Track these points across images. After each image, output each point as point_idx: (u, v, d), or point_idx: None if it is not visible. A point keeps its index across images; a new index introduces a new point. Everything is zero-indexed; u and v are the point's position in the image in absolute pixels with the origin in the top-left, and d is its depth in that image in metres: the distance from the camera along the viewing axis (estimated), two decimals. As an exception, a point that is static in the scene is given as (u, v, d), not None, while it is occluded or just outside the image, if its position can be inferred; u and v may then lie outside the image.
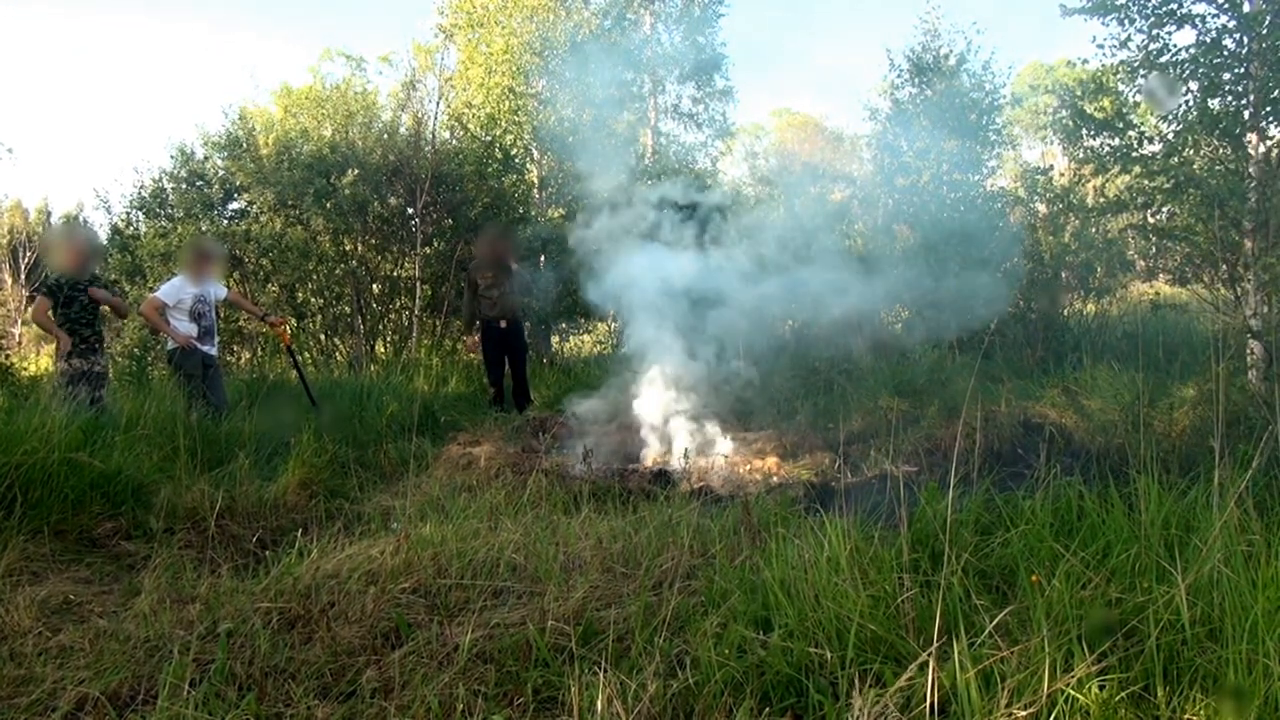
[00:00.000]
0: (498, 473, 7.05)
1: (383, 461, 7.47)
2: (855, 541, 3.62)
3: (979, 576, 3.47)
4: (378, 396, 9.76)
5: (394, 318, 15.32)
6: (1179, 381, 7.51)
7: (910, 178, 14.29)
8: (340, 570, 4.04)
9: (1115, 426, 7.19)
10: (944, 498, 3.55)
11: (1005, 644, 2.77)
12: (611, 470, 8.16)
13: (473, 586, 3.94)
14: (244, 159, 14.11)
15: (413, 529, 4.61)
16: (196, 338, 8.22)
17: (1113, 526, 3.61)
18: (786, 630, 3.13)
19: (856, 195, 21.10)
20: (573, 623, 3.46)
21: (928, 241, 12.91)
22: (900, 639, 2.97)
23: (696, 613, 3.52)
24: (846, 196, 20.95)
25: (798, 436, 9.77)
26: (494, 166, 15.02)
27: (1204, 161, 8.62)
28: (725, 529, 4.75)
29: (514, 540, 4.47)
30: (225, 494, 5.63)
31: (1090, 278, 13.02)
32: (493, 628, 3.47)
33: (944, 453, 8.05)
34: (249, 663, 3.27)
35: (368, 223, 14.42)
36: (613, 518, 5.06)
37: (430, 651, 3.34)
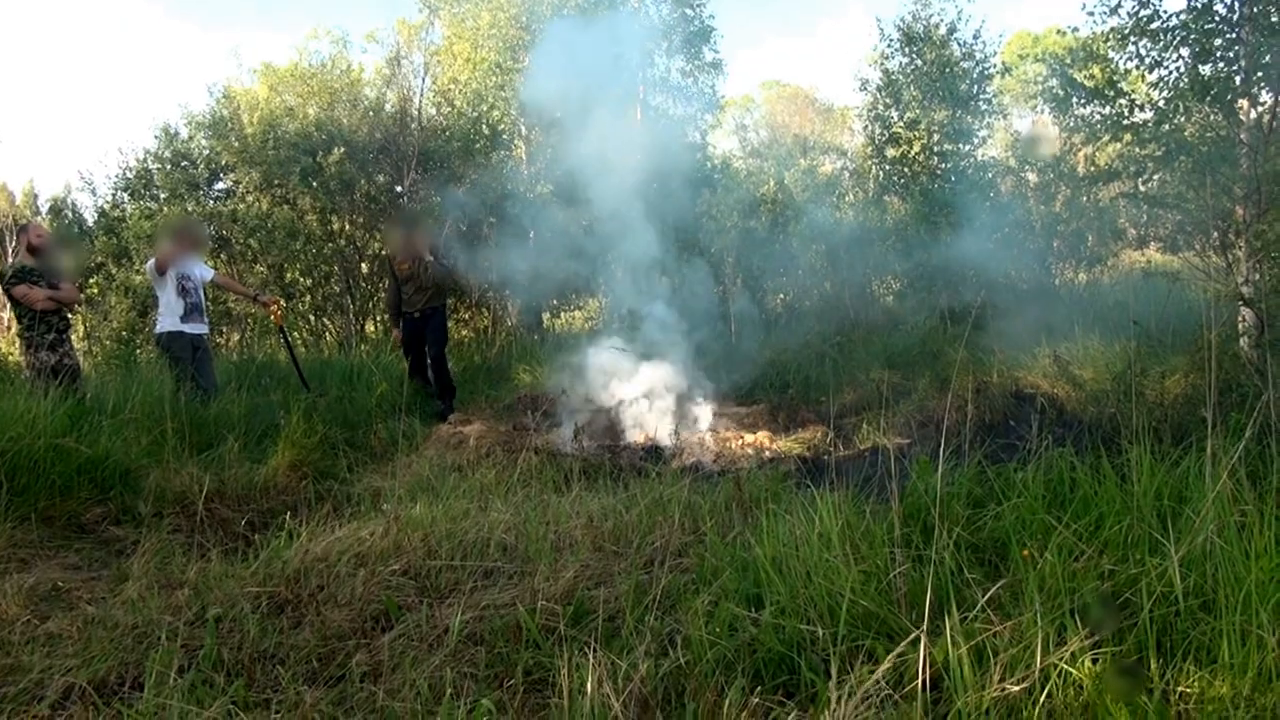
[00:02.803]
0: (488, 452, 7.03)
1: (373, 442, 7.45)
2: (847, 516, 3.60)
3: (971, 550, 3.46)
4: (368, 376, 9.73)
5: (383, 297, 15.21)
6: (1171, 350, 7.49)
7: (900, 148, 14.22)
8: (330, 553, 4.01)
9: (1107, 396, 7.19)
10: (935, 471, 3.53)
11: (997, 618, 2.75)
12: (603, 447, 8.16)
13: (463, 568, 3.92)
14: (229, 138, 13.97)
15: (403, 510, 4.58)
16: (183, 314, 8.14)
17: (1105, 498, 3.59)
18: (778, 608, 3.11)
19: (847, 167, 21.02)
20: (563, 603, 3.44)
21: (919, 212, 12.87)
22: (892, 615, 2.95)
23: (687, 591, 3.50)
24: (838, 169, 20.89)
25: (790, 410, 9.77)
26: (481, 143, 14.91)
27: (1195, 128, 8.56)
28: (716, 505, 4.73)
29: (504, 520, 4.46)
30: (214, 477, 5.61)
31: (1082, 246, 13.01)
32: (483, 609, 3.45)
33: (935, 425, 8.04)
34: (237, 648, 3.25)
35: (355, 201, 14.32)
36: (604, 495, 5.05)
37: (420, 634, 3.32)
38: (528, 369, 12.02)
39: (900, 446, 7.19)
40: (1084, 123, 9.51)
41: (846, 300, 13.65)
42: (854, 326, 12.74)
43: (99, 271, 13.87)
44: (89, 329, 13.96)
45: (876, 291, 15.36)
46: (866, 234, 14.21)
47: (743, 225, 13.95)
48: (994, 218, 12.63)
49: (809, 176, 16.03)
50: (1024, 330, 10.21)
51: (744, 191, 14.94)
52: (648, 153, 13.23)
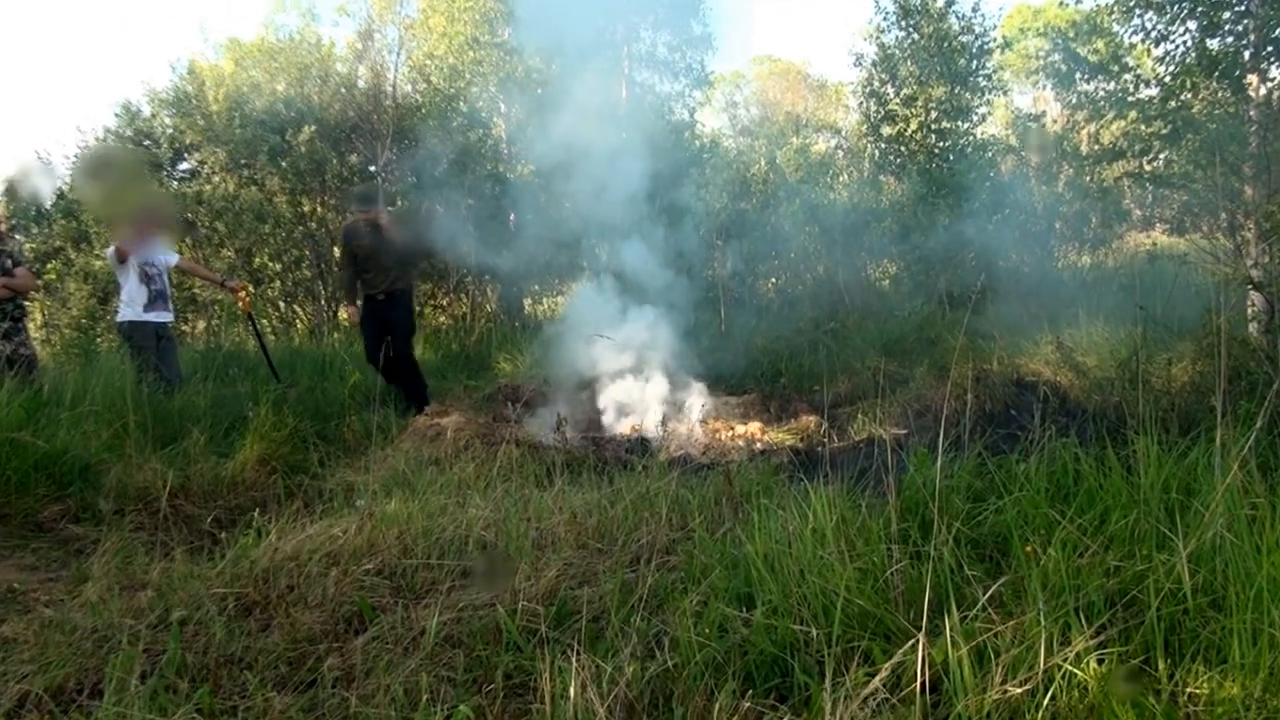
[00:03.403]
0: (467, 444, 7.00)
1: (346, 434, 7.41)
2: (842, 511, 3.59)
3: (971, 546, 3.45)
4: (341, 366, 9.68)
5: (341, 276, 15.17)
6: (1178, 336, 7.51)
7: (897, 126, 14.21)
8: (300, 552, 3.99)
9: (1112, 384, 7.20)
10: (934, 463, 3.52)
11: (999, 617, 2.75)
12: (586, 439, 8.14)
13: (440, 567, 3.90)
14: (193, 116, 13.88)
15: (377, 506, 4.55)
16: (146, 302, 8.08)
17: (1111, 491, 3.59)
18: (770, 607, 3.10)
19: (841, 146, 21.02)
20: (545, 603, 3.42)
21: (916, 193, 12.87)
22: (889, 614, 2.95)
23: (675, 590, 3.49)
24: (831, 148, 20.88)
25: (782, 400, 9.77)
26: (458, 121, 14.84)
27: (1203, 105, 8.59)
28: (706, 500, 4.72)
29: (483, 516, 4.43)
30: (179, 472, 5.56)
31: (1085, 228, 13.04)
32: (461, 610, 3.43)
33: (934, 414, 8.05)
34: (203, 652, 3.22)
35: (326, 182, 14.25)
36: (587, 490, 5.02)
37: (395, 637, 3.29)
38: (508, 358, 11.99)
39: (897, 437, 7.20)
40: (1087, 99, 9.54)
41: (841, 285, 13.64)
42: (849, 312, 12.73)
43: (57, 256, 13.77)
44: (46, 317, 13.85)
45: (872, 276, 15.38)
46: (861, 216, 14.21)
47: (733, 207, 13.94)
48: (994, 198, 12.65)
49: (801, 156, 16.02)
50: (1025, 316, 10.22)
51: (734, 171, 14.92)
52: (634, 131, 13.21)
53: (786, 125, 25.41)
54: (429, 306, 15.96)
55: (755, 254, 14.45)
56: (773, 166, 15.18)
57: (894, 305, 12.77)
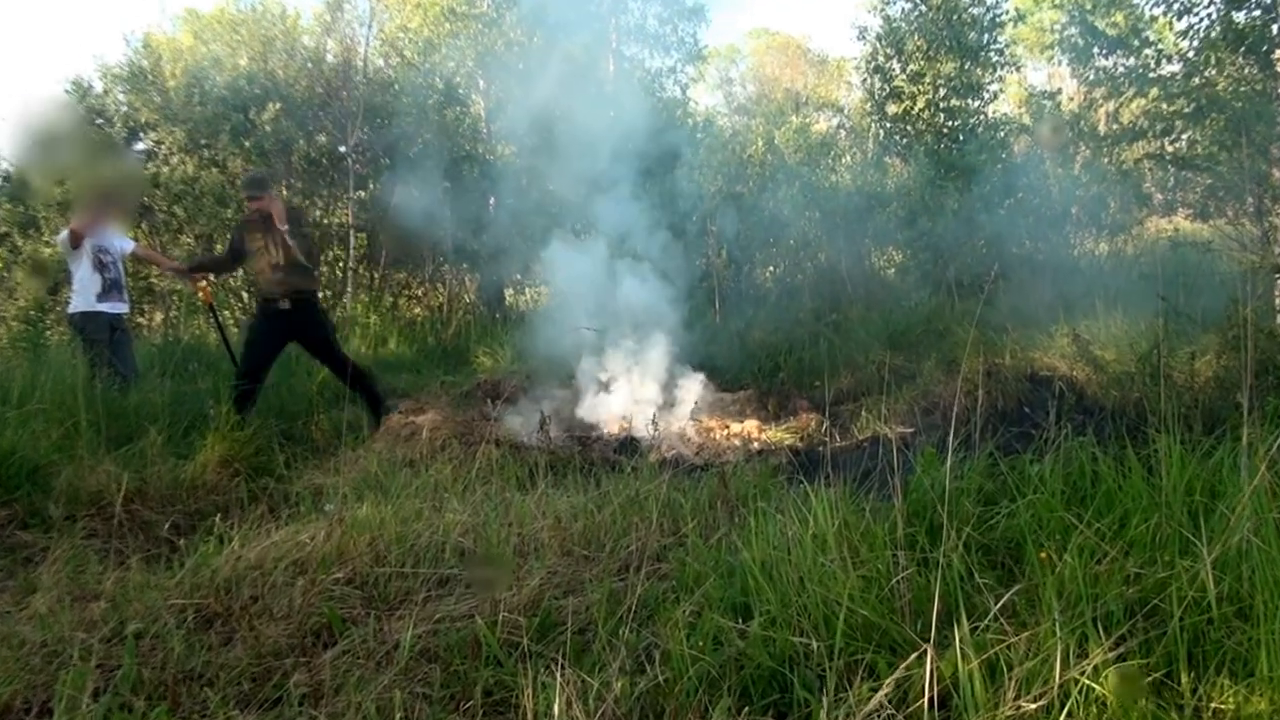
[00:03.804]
0: (444, 444, 6.98)
1: (314, 434, 7.39)
2: (844, 515, 3.60)
3: (982, 552, 3.46)
4: (308, 361, 9.64)
5: (325, 270, 15.12)
6: (1201, 328, 7.53)
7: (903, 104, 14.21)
8: (265, 560, 3.97)
9: (1132, 379, 7.21)
10: (942, 463, 3.52)
11: (1012, 628, 2.75)
12: (572, 439, 8.13)
13: (415, 575, 3.89)
14: (149, 93, 13.80)
15: (347, 511, 4.54)
16: (100, 292, 8.05)
17: (1130, 493, 3.60)
18: (768, 618, 3.10)
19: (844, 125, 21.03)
20: (527, 614, 3.42)
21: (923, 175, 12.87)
22: (895, 625, 2.95)
23: (667, 600, 3.48)
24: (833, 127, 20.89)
25: (780, 396, 9.77)
26: (434, 98, 14.80)
27: (1228, 82, 8.60)
28: (699, 504, 4.72)
29: (461, 521, 4.42)
30: (134, 475, 5.52)
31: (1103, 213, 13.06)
32: (437, 622, 3.43)
33: (942, 412, 8.06)
34: (160, 668, 3.20)
35: (293, 164, 14.20)
36: (573, 493, 5.02)
37: (367, 650, 3.29)
38: (488, 351, 11.98)
39: (903, 436, 7.21)
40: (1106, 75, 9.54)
41: (843, 274, 13.65)
42: (851, 303, 12.74)
43: (3, 243, 13.68)
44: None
45: (876, 264, 15.39)
46: (865, 200, 14.21)
47: (728, 190, 13.92)
48: (1006, 182, 12.67)
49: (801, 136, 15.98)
50: (1040, 306, 10.24)
51: (729, 152, 14.90)
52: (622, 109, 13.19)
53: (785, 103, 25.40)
54: (403, 297, 15.94)
55: (752, 240, 14.45)
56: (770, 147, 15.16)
57: (900, 295, 12.80)
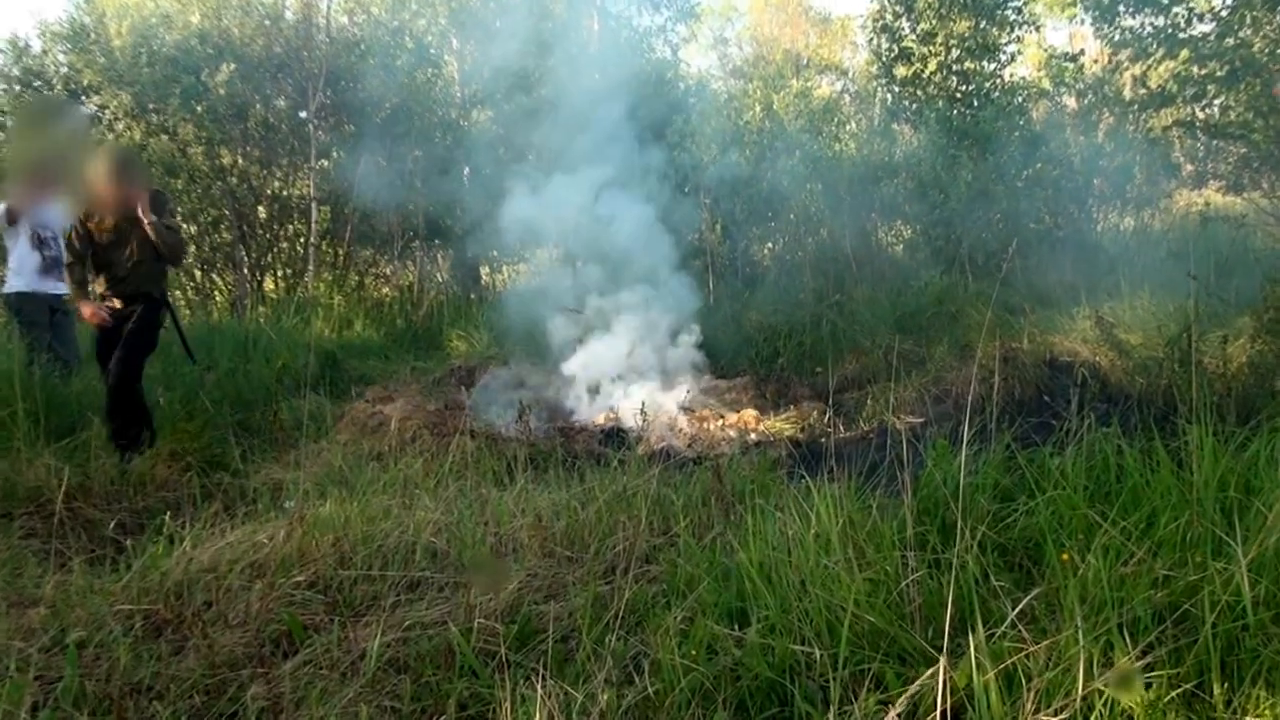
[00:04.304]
0: (414, 436, 6.97)
1: (273, 425, 7.36)
2: (849, 513, 3.60)
3: (999, 553, 3.46)
4: (266, 344, 9.62)
5: (285, 247, 15.07)
6: (1234, 310, 7.55)
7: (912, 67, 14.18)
8: (219, 562, 3.96)
9: (1159, 365, 7.23)
10: (955, 457, 3.52)
11: (1031, 636, 2.75)
12: (554, 430, 8.13)
13: (383, 579, 3.88)
14: (92, 53, 13.69)
15: (309, 508, 4.53)
16: (39, 271, 8.01)
17: (1159, 489, 3.60)
18: (766, 624, 3.10)
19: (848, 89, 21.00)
20: (505, 621, 3.41)
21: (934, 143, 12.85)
22: (904, 632, 2.95)
23: (657, 605, 3.48)
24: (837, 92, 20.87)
25: (779, 384, 9.77)
26: (404, 59, 14.72)
27: (1265, 43, 8.60)
28: (692, 500, 4.72)
29: (433, 520, 4.42)
30: (76, 469, 5.51)
31: (1128, 185, 13.07)
32: (407, 629, 3.42)
33: (955, 401, 8.07)
34: (105, 680, 3.19)
35: (249, 130, 14.10)
36: (555, 489, 5.02)
37: (330, 660, 3.28)
38: (462, 335, 11.95)
39: (913, 427, 7.21)
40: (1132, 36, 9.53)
41: (848, 250, 13.62)
42: (856, 282, 12.73)
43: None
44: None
45: (884, 240, 15.38)
46: (871, 170, 14.19)
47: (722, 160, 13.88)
48: (1024, 151, 12.65)
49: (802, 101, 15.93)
50: (1060, 286, 10.25)
51: (724, 119, 14.86)
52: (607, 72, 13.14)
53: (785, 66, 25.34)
54: (370, 275, 15.89)
55: (749, 215, 14.42)
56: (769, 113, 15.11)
57: (909, 274, 12.76)
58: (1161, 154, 12.58)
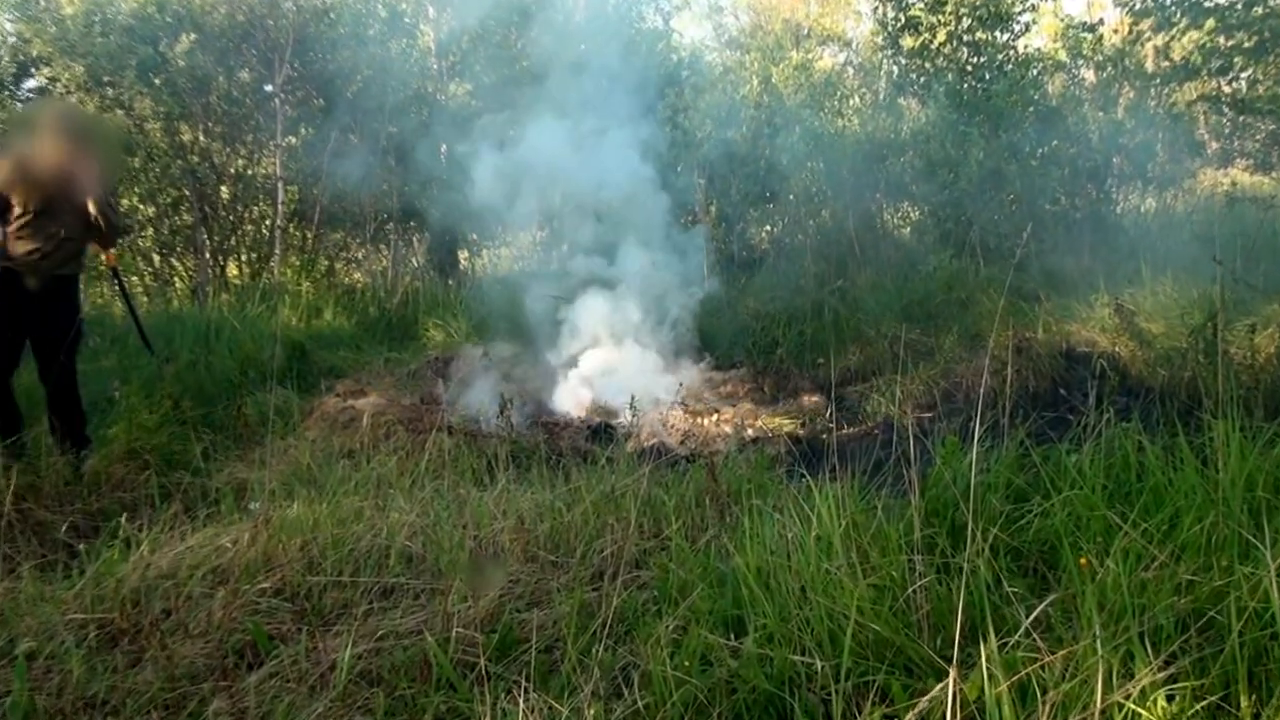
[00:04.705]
0: (388, 432, 6.97)
1: (236, 421, 7.35)
2: (852, 514, 3.59)
3: (1012, 557, 3.46)
4: (230, 334, 9.59)
5: (250, 230, 15.03)
6: (1263, 296, 7.56)
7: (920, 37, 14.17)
8: (179, 567, 3.96)
9: (1183, 356, 7.24)
10: (966, 454, 3.52)
11: (1046, 645, 2.75)
12: (537, 425, 8.12)
13: (354, 585, 3.88)
14: (43, 21, 13.62)
15: (275, 510, 4.52)
16: None
17: (1182, 488, 3.61)
18: (764, 633, 3.10)
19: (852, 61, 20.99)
20: (485, 630, 3.41)
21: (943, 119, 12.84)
22: (911, 642, 2.95)
23: (647, 613, 3.48)
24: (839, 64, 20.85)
25: (778, 376, 9.78)
26: (376, 28, 14.68)
27: (1296, 12, 8.61)
28: (684, 501, 4.72)
29: (408, 522, 4.41)
30: (25, 469, 5.49)
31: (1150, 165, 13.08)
32: (380, 639, 3.41)
33: (965, 394, 8.08)
34: (56, 694, 3.18)
35: (211, 105, 14.06)
36: (538, 489, 5.01)
37: (298, 672, 3.27)
38: (439, 323, 11.93)
39: (920, 422, 7.21)
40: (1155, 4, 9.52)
41: (851, 233, 13.62)
42: (860, 267, 12.74)
43: None
44: None
45: (889, 222, 15.39)
46: (876, 148, 14.19)
47: (718, 137, 13.87)
48: (1039, 127, 12.65)
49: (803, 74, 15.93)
50: (1077, 271, 10.26)
51: (719, 93, 14.84)
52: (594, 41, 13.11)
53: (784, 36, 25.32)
54: (340, 260, 15.85)
55: (746, 195, 14.42)
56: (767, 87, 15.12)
57: (916, 258, 12.76)
58: (1185, 130, 12.59)
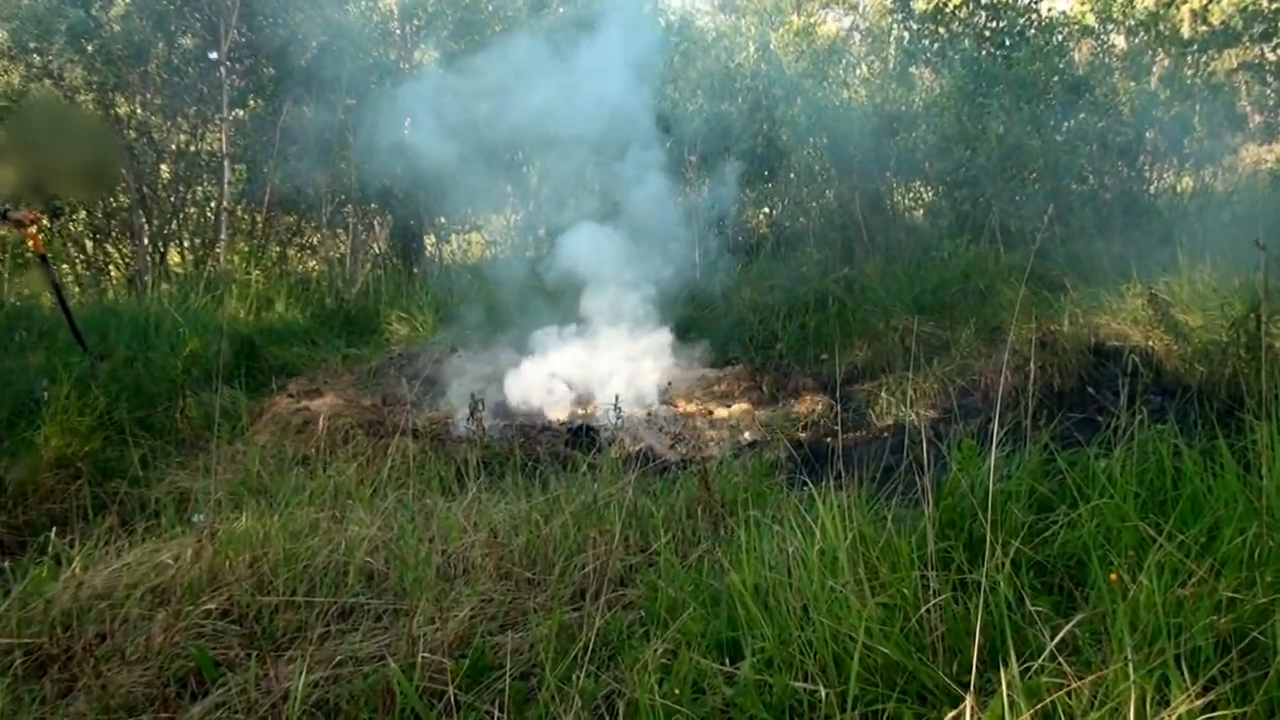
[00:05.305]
0: (346, 436, 6.97)
1: (179, 424, 7.34)
2: (859, 526, 3.59)
3: (1035, 573, 3.47)
4: (171, 328, 9.56)
5: (193, 212, 14.99)
6: (1311, 285, 7.58)
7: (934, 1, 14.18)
8: (115, 587, 3.94)
9: (1223, 351, 7.26)
10: (984, 459, 3.52)
11: (1074, 669, 2.75)
12: (512, 428, 8.11)
13: (309, 606, 3.87)
14: (-39, -19, 13.60)
15: (222, 523, 4.51)
16: None
17: (1223, 496, 3.61)
18: (763, 658, 3.10)
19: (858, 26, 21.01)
20: (454, 655, 3.41)
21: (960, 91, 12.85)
22: (925, 666, 2.95)
23: (633, 635, 3.48)
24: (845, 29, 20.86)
25: (778, 373, 9.78)
26: (333, -11, 14.67)
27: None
28: (675, 512, 4.72)
29: (369, 536, 4.40)
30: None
31: (1186, 140, 13.11)
32: (338, 665, 3.41)
33: (984, 393, 8.10)
34: (-22, 727, 3.18)
35: (150, 74, 14.01)
36: (513, 499, 5.01)
37: (247, 703, 3.26)
38: (403, 316, 11.91)
39: (934, 424, 7.23)
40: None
41: (858, 216, 13.65)
42: (868, 253, 12.76)
43: None
44: None
45: (900, 204, 15.40)
46: (886, 121, 14.20)
47: (711, 110, 13.87)
48: (1065, 99, 12.68)
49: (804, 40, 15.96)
50: (1107, 258, 10.28)
51: (712, 61, 14.84)
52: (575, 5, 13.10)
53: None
54: (294, 246, 15.81)
55: (742, 174, 14.42)
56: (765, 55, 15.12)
57: (930, 244, 12.78)
58: (1225, 102, 12.62)
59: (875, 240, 13.30)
